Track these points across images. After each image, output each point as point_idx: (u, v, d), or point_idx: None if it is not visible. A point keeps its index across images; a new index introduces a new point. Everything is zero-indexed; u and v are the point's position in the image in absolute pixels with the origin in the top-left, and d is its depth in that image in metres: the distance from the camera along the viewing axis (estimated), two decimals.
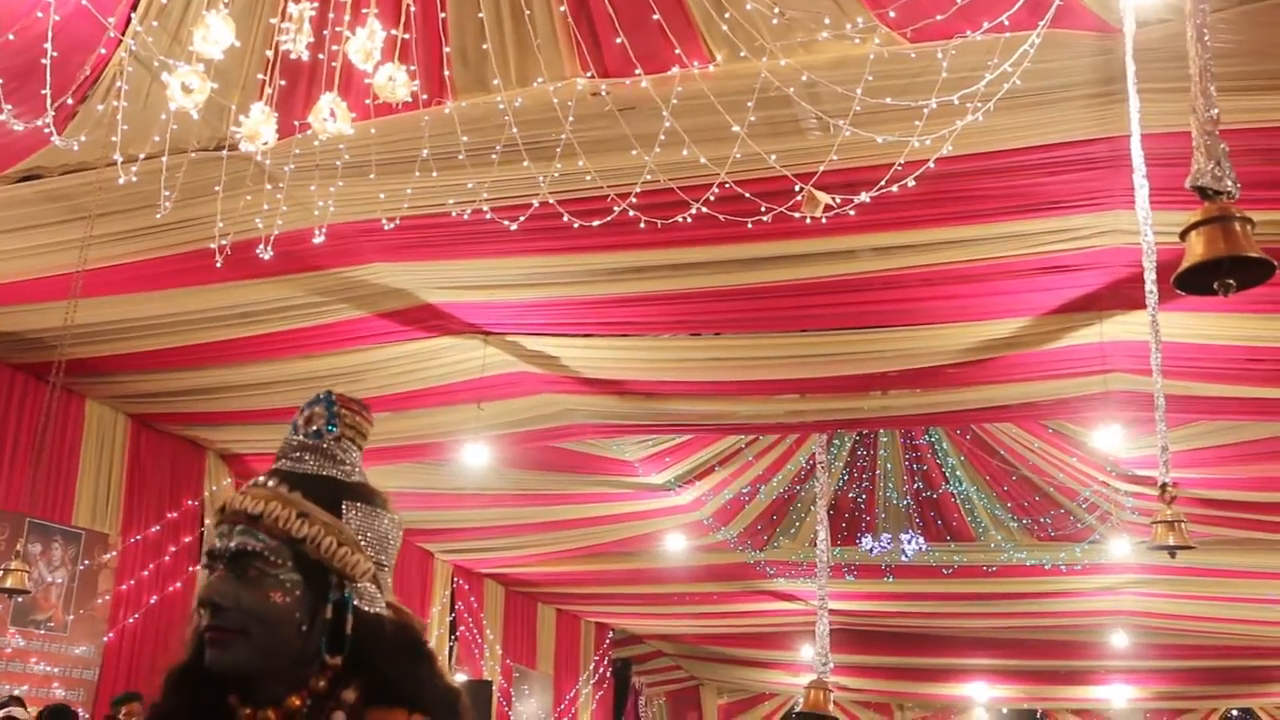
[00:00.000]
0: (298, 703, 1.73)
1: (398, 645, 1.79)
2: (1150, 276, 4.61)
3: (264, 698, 1.73)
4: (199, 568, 9.33)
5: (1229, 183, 3.28)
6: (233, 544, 1.74)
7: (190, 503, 9.90)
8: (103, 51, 5.19)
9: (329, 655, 1.74)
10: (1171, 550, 4.83)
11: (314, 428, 1.86)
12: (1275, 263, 3.24)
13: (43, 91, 5.06)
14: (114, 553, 9.06)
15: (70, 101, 5.33)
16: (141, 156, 5.43)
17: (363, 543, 1.80)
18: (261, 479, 1.82)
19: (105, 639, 8.90)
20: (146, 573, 9.29)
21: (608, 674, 17.78)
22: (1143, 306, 4.72)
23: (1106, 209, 5.83)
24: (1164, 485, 4.59)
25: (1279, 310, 6.58)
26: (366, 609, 1.78)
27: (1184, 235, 3.33)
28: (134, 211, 6.02)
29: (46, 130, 5.25)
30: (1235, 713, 18.88)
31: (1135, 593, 13.69)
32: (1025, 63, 4.57)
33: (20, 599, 7.80)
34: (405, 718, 1.73)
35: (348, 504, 1.81)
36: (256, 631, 1.70)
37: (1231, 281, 3.29)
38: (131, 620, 9.11)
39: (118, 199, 5.80)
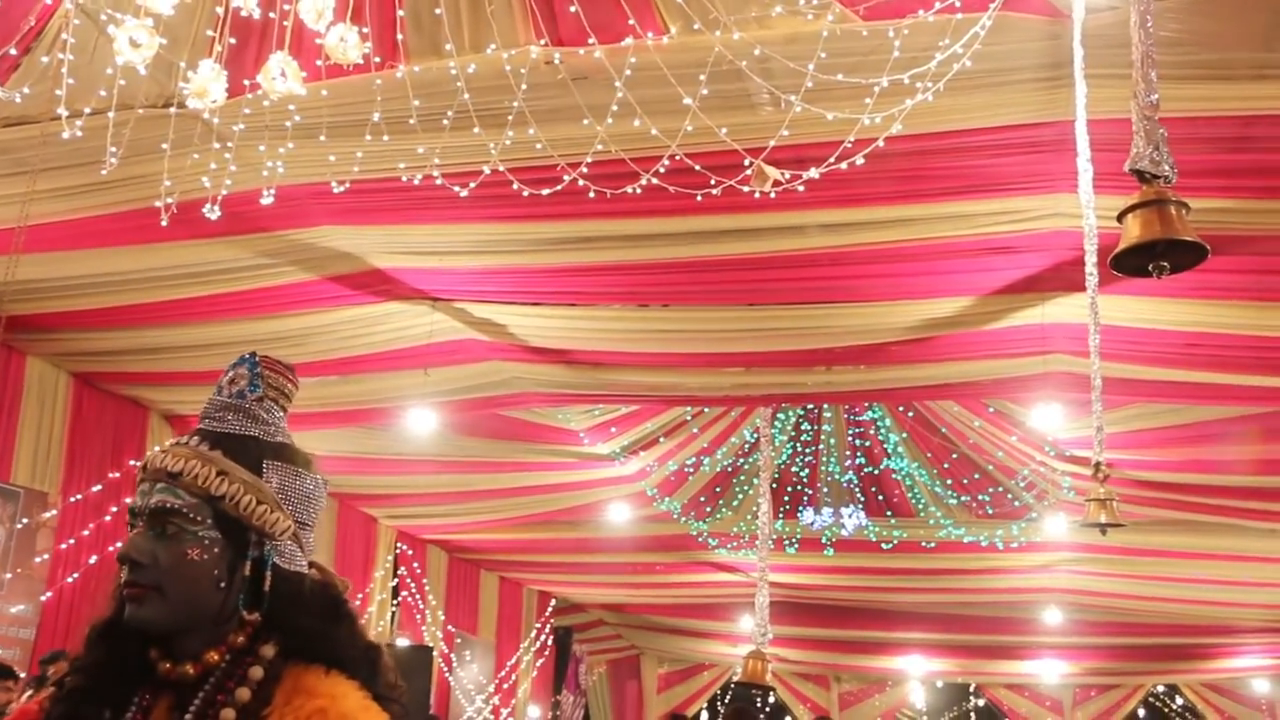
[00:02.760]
0: (216, 658, 1.77)
1: (317, 603, 1.84)
2: (1091, 259, 4.69)
3: (183, 653, 1.77)
4: None
5: (1166, 167, 3.37)
6: (152, 501, 1.78)
7: (132, 463, 9.78)
8: (48, 2, 5.11)
9: (247, 611, 1.78)
10: (1103, 528, 4.92)
11: (237, 388, 1.89)
12: (1208, 246, 3.32)
13: None
14: (53, 512, 8.96)
15: (14, 52, 5.24)
16: (87, 111, 5.35)
17: (283, 501, 1.83)
18: (183, 438, 1.86)
19: (43, 598, 8.81)
20: (86, 532, 9.18)
21: (549, 642, 17.86)
22: (1083, 289, 4.80)
23: (1051, 192, 5.91)
24: (1097, 464, 4.68)
25: (1218, 296, 6.72)
26: (286, 567, 1.81)
27: (1121, 217, 3.41)
28: (78, 167, 5.92)
29: None
30: (1161, 689, 19.30)
31: (1069, 570, 13.93)
32: (976, 44, 4.62)
33: None
34: (323, 674, 1.77)
35: (269, 463, 1.84)
36: (172, 588, 1.74)
37: (1165, 264, 3.38)
38: (71, 580, 9.02)
39: (62, 154, 5.71)
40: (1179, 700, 19.25)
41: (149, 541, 1.76)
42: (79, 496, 9.19)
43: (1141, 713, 19.57)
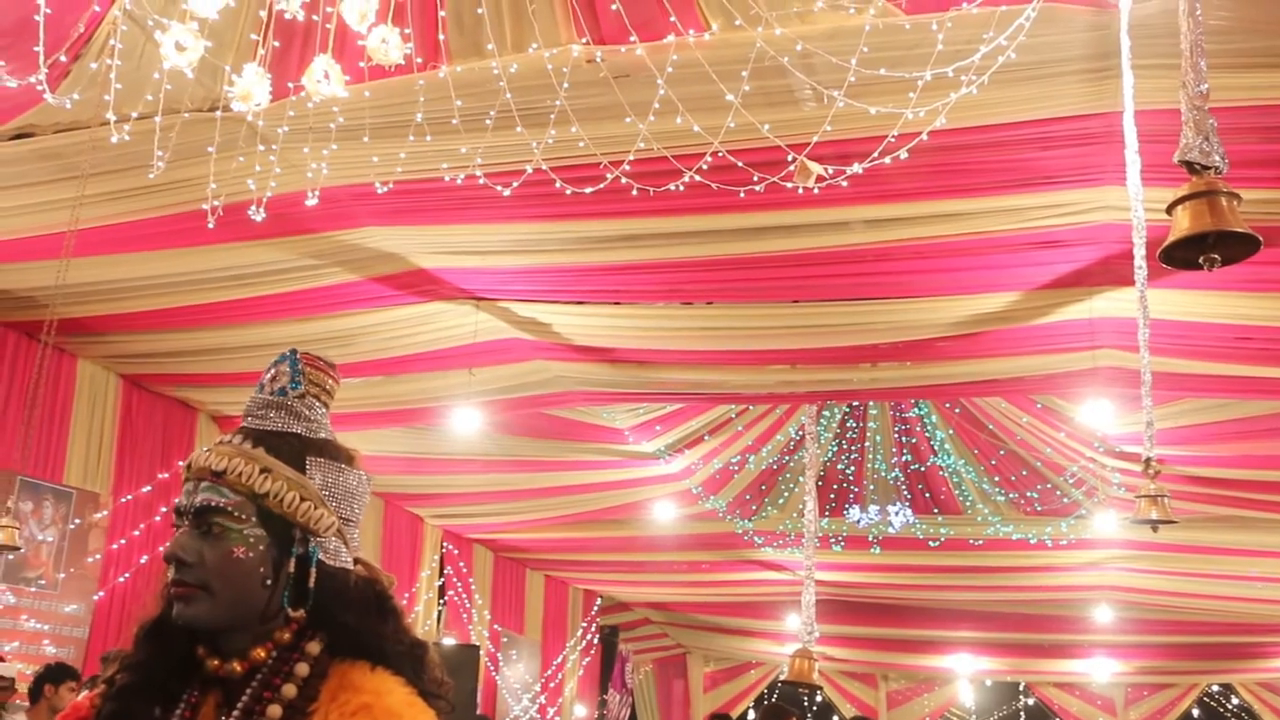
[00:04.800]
0: (263, 655, 1.77)
1: (361, 599, 1.84)
2: (1140, 253, 4.62)
3: (230, 650, 1.78)
4: None
5: (1217, 157, 3.30)
6: (197, 500, 1.79)
7: (181, 464, 9.87)
8: (97, 9, 5.17)
9: (292, 609, 1.78)
10: (1154, 524, 4.85)
11: (279, 385, 1.89)
12: (1260, 238, 3.26)
13: (36, 48, 5.03)
14: (105, 512, 9.08)
15: (64, 59, 5.30)
16: (135, 116, 5.41)
17: (327, 498, 1.83)
18: (227, 437, 1.87)
19: (96, 597, 8.93)
20: (137, 532, 9.31)
21: (595, 641, 17.88)
22: (1132, 283, 4.74)
23: (1098, 185, 5.84)
24: (1148, 460, 4.61)
25: (1268, 289, 6.61)
26: (330, 563, 1.82)
27: (1171, 209, 3.35)
28: (127, 171, 6.00)
29: (39, 88, 5.23)
30: (1216, 688, 19.03)
31: (1120, 568, 13.76)
32: (1020, 36, 4.56)
33: (11, 556, 7.84)
34: (369, 670, 1.77)
35: (312, 460, 1.84)
36: (219, 586, 1.75)
37: (1216, 256, 3.31)
38: (122, 579, 9.14)
39: (110, 158, 5.79)
40: (1234, 700, 18.96)
41: (195, 540, 1.77)
42: (130, 497, 9.31)
43: (1196, 713, 19.30)
